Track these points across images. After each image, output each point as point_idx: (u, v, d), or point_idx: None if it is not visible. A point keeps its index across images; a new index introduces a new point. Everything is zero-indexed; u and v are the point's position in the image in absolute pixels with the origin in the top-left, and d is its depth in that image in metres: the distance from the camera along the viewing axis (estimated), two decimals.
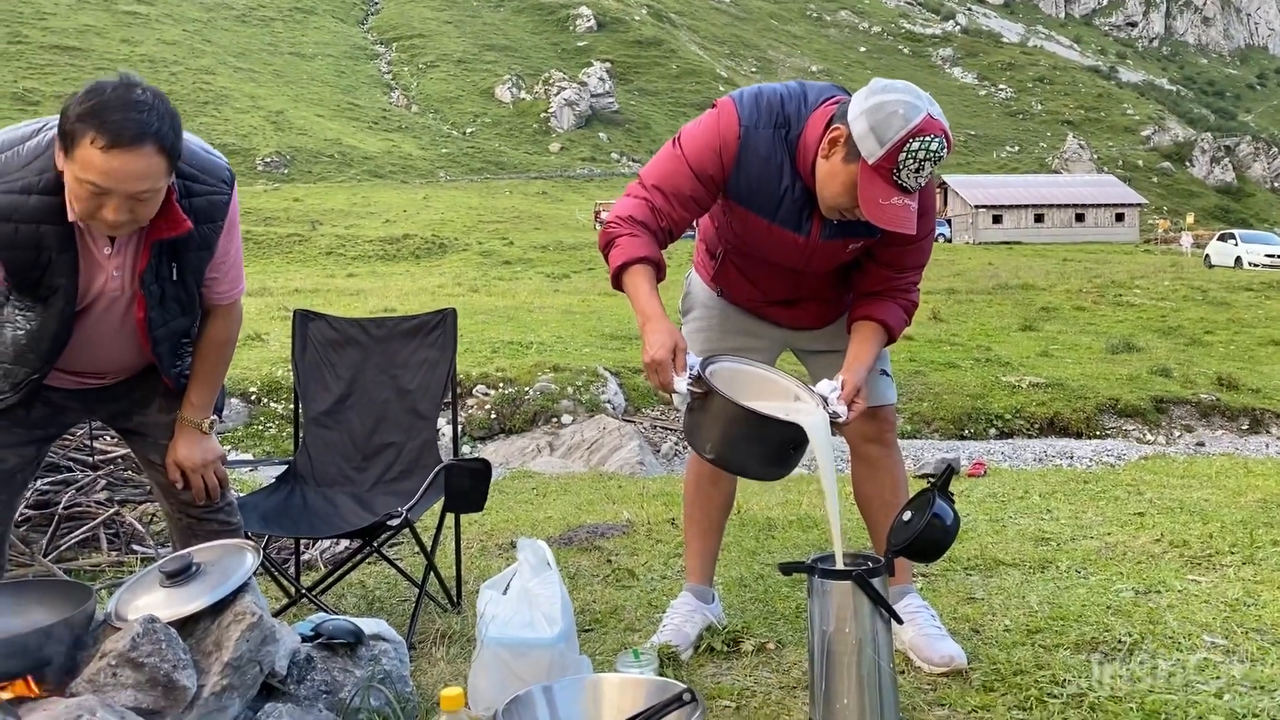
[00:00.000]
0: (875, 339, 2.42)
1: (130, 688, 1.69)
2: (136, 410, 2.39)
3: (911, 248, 2.40)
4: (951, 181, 60.09)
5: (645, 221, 2.32)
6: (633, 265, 2.29)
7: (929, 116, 2.10)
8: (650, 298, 2.26)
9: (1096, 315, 20.60)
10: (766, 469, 2.32)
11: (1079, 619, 2.76)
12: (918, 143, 2.09)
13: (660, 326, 2.21)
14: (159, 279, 2.18)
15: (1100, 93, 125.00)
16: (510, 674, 2.18)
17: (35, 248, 2.04)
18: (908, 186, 2.14)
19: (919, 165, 2.10)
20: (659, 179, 2.35)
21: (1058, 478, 5.72)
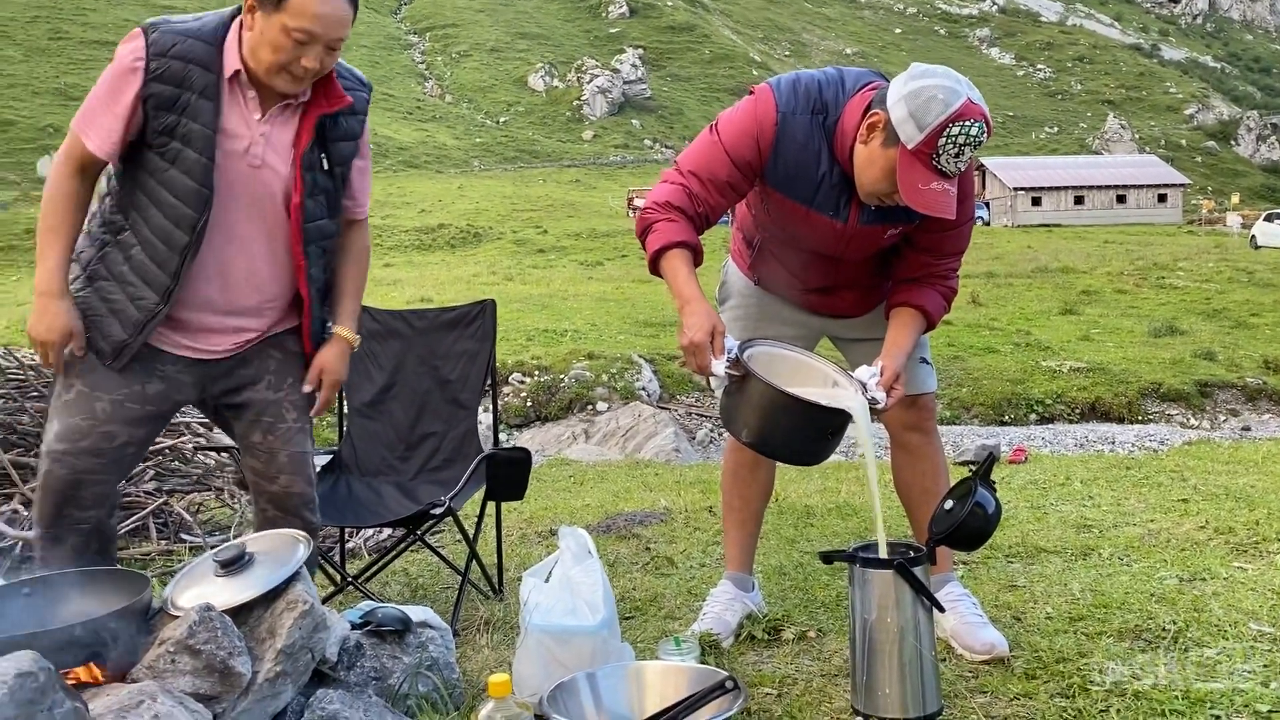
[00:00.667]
0: (914, 325, 2.42)
1: (188, 674, 1.74)
2: (247, 386, 2.40)
3: (951, 233, 2.39)
4: (990, 164, 59.31)
5: (682, 207, 2.33)
6: (670, 249, 2.30)
7: (969, 101, 2.10)
8: (688, 281, 2.27)
9: (1139, 298, 20.31)
10: (803, 454, 2.32)
11: (1122, 606, 2.75)
12: (957, 127, 2.08)
13: (699, 309, 2.22)
14: (312, 166, 2.28)
15: (1142, 71, 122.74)
16: (554, 661, 2.21)
17: (179, 85, 2.16)
18: (947, 171, 2.13)
19: (959, 150, 2.10)
20: (696, 165, 2.36)
21: (1099, 464, 5.67)
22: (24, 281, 31.69)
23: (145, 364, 2.29)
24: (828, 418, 2.18)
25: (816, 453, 2.29)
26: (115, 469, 2.32)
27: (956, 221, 2.31)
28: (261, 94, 2.22)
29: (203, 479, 4.44)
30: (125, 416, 2.27)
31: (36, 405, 4.31)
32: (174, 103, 2.16)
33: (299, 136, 2.25)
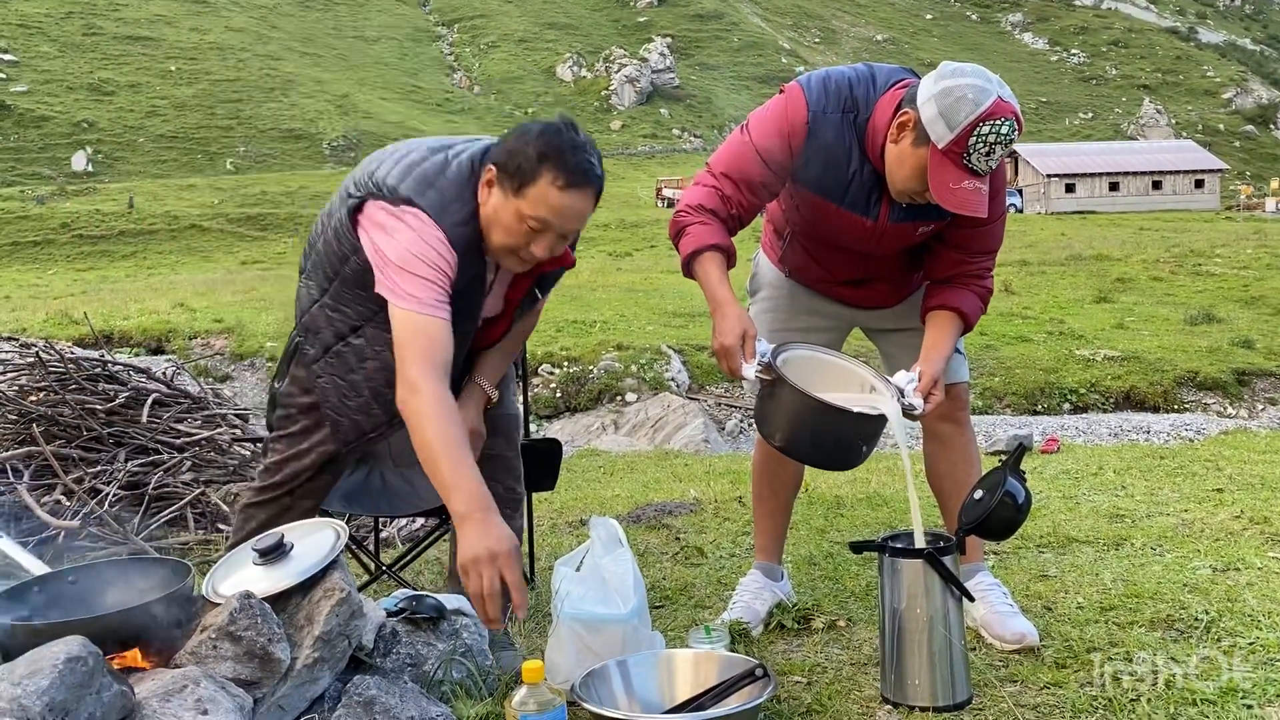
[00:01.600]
0: (952, 328, 2.41)
1: (229, 660, 1.78)
2: None
3: (983, 230, 2.38)
4: (1022, 151, 58.68)
5: (715, 209, 2.35)
6: (703, 252, 2.31)
7: (999, 100, 2.09)
8: (721, 284, 2.29)
9: (1175, 286, 20.04)
10: (835, 460, 2.35)
11: (1154, 596, 2.74)
12: (988, 126, 2.08)
13: (730, 312, 2.25)
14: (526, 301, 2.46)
15: (1178, 55, 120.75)
16: (585, 649, 2.24)
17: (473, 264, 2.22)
18: (978, 170, 2.13)
19: (989, 149, 2.10)
20: (728, 166, 2.37)
21: (1133, 453, 5.62)
22: (61, 275, 32.23)
23: None
24: (860, 424, 2.18)
25: (849, 459, 2.30)
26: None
27: (989, 219, 2.30)
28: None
29: (239, 470, 4.50)
30: None
31: (77, 398, 4.40)
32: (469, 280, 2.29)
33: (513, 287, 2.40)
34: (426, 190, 2.13)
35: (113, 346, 13.14)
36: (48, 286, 25.66)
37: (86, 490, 3.96)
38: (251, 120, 71.76)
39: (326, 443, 2.36)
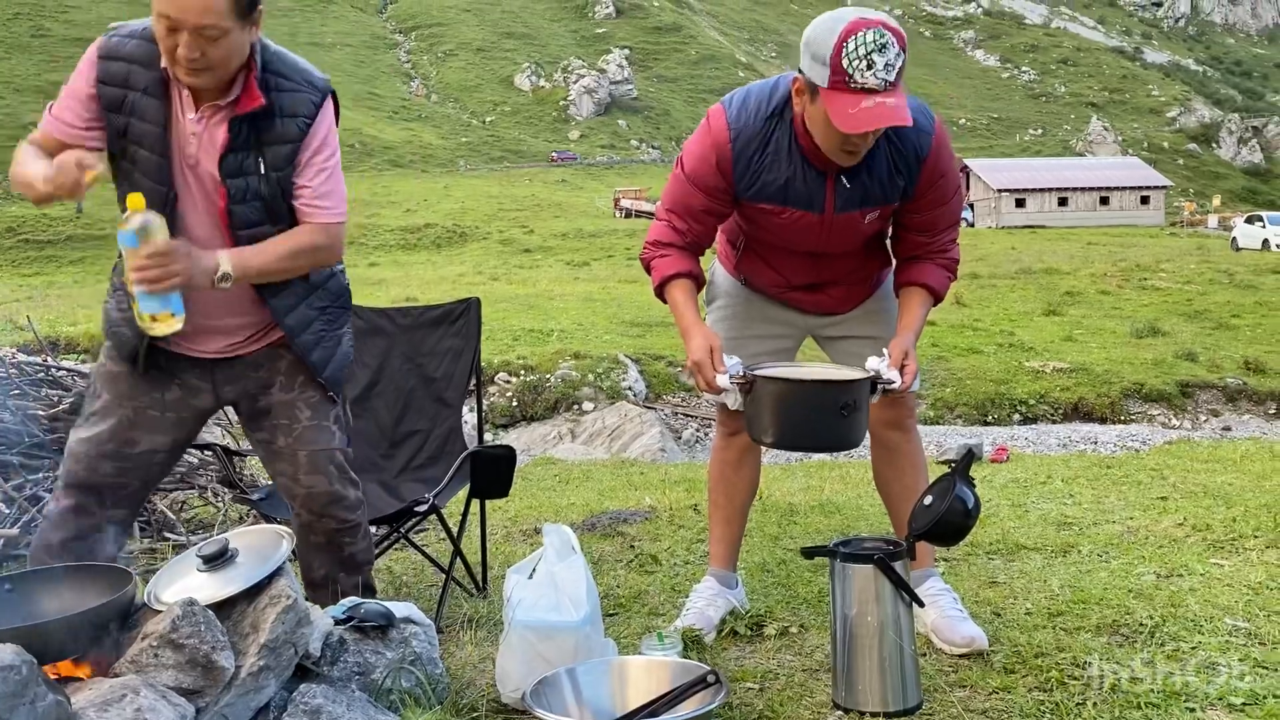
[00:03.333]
0: (921, 303, 2.47)
1: (171, 668, 1.74)
2: (262, 391, 2.38)
3: (941, 209, 2.44)
4: (974, 165, 59.63)
5: (672, 241, 2.47)
6: (668, 283, 2.46)
7: (857, 18, 2.12)
8: (687, 308, 2.43)
9: (1121, 299, 20.45)
10: (828, 438, 2.35)
11: (1100, 602, 2.78)
12: (852, 41, 2.09)
13: (697, 333, 2.36)
14: (243, 171, 2.21)
15: (1125, 74, 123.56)
16: (537, 656, 2.22)
17: (123, 85, 2.16)
18: (869, 86, 2.10)
19: (866, 61, 2.08)
20: (672, 203, 2.48)
21: (1080, 463, 5.72)
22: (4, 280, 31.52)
23: (164, 371, 2.32)
24: (838, 391, 2.24)
25: (842, 434, 2.29)
26: (137, 474, 2.34)
27: (942, 198, 2.39)
28: (195, 92, 2.18)
29: (186, 477, 4.42)
30: (147, 424, 2.31)
31: (19, 403, 4.30)
32: (120, 104, 2.16)
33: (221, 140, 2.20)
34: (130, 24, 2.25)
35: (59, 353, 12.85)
36: None
37: (28, 498, 3.86)
38: None
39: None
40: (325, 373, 2.39)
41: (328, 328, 2.41)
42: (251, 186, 2.22)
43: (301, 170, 2.25)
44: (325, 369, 2.39)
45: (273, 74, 2.21)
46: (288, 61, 2.27)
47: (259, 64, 2.19)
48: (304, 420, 2.39)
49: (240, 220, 2.23)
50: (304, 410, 2.39)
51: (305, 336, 2.35)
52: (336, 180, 2.31)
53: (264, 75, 2.20)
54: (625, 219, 48.67)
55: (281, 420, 2.39)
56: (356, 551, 2.50)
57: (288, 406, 2.39)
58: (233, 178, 2.20)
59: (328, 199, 2.28)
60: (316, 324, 2.37)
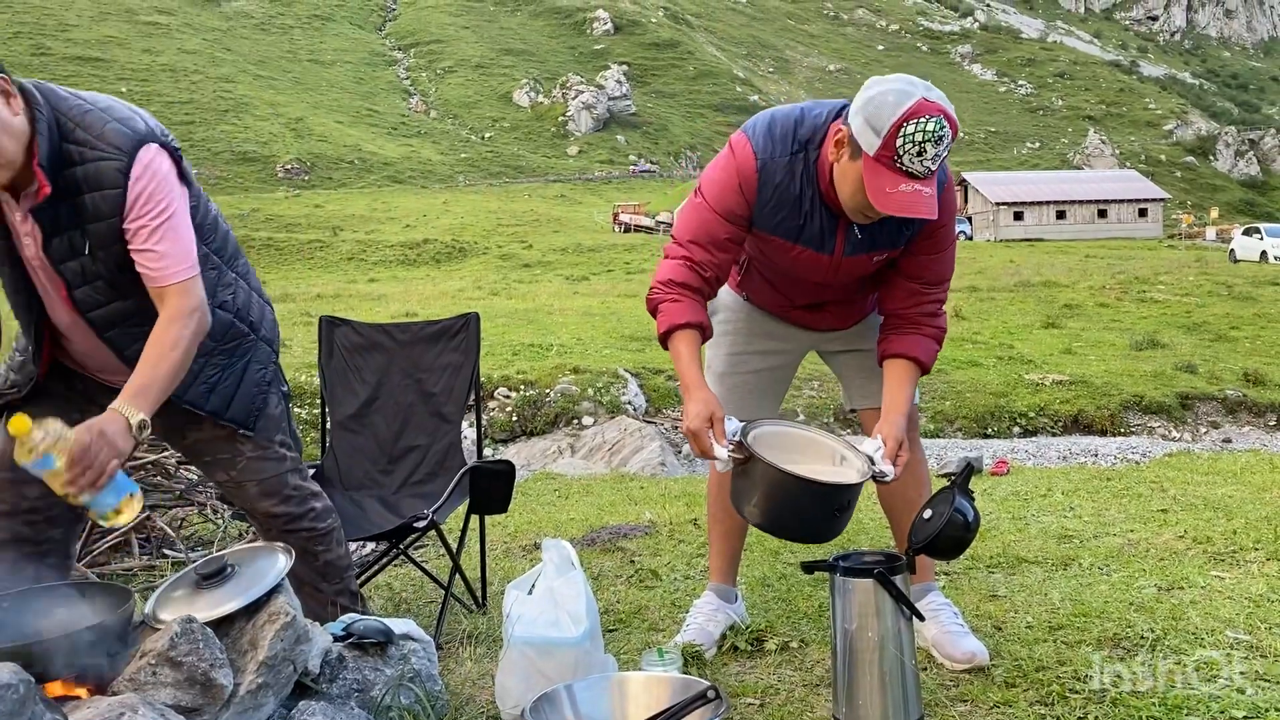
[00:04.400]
0: (909, 379, 2.43)
1: (169, 686, 1.73)
2: (190, 427, 2.32)
3: (935, 258, 2.41)
4: (971, 179, 59.73)
5: (686, 282, 2.38)
6: (674, 332, 2.36)
7: (923, 100, 2.09)
8: (689, 365, 2.34)
9: (1120, 312, 20.46)
10: (813, 532, 2.30)
11: (1101, 615, 2.77)
12: (913, 125, 2.07)
13: (697, 396, 2.27)
14: (74, 253, 2.11)
15: (1122, 87, 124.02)
16: (536, 673, 2.22)
17: None
18: (914, 172, 2.10)
19: (919, 148, 2.08)
20: (692, 233, 2.40)
21: (1081, 475, 5.71)
22: None
23: (82, 394, 2.30)
24: (834, 495, 2.19)
25: (826, 530, 2.27)
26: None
27: (939, 246, 2.35)
28: (9, 191, 2.07)
29: (185, 494, 4.41)
30: None
31: None
32: None
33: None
34: None
35: None
36: None
37: None
38: (204, 143, 70.98)
39: None
40: (226, 415, 2.31)
41: (220, 370, 2.32)
42: (87, 268, 2.12)
43: (132, 237, 2.10)
44: (226, 412, 2.31)
45: (74, 144, 2.06)
46: (90, 123, 2.07)
47: (45, 139, 2.02)
48: (246, 453, 2.36)
49: (88, 303, 2.17)
50: (244, 444, 2.35)
51: (192, 392, 2.26)
52: (175, 236, 2.12)
53: (64, 148, 2.05)
54: (624, 233, 48.76)
55: (220, 456, 2.35)
56: (332, 559, 2.49)
57: (224, 442, 2.34)
58: (65, 262, 2.11)
59: (167, 258, 2.11)
60: (204, 373, 2.28)
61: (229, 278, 2.36)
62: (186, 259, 2.13)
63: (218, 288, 2.30)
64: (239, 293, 2.37)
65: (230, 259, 2.38)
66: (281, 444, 2.42)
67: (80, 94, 2.12)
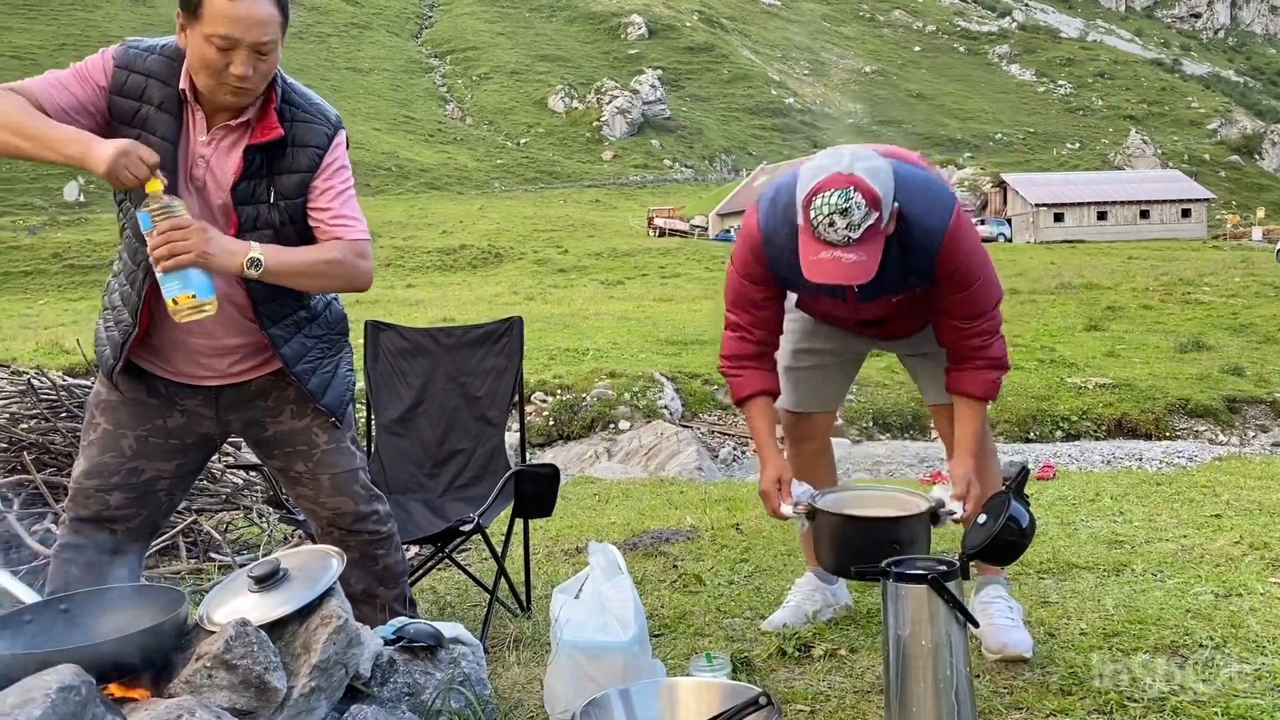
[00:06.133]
0: (971, 416, 2.51)
1: (225, 689, 1.74)
2: (270, 419, 2.36)
3: (961, 296, 2.44)
4: (1011, 180, 59.13)
5: (740, 354, 2.61)
6: (745, 402, 2.61)
7: (834, 174, 2.20)
8: (762, 432, 2.58)
9: (1164, 314, 20.13)
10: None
11: (1157, 622, 2.72)
12: (819, 198, 2.20)
13: (769, 460, 2.53)
14: (255, 198, 2.19)
15: (1164, 86, 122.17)
16: (585, 677, 2.21)
17: (139, 98, 2.15)
18: (830, 240, 2.21)
19: (829, 219, 2.19)
20: (734, 300, 2.61)
21: (1129, 480, 5.61)
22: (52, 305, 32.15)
23: (164, 397, 2.32)
24: (892, 529, 2.28)
25: None
26: (146, 504, 2.34)
27: (961, 285, 2.41)
28: (208, 113, 2.17)
29: (231, 498, 4.46)
30: (150, 451, 2.31)
31: (68, 425, 4.36)
32: (133, 116, 2.15)
33: (233, 165, 2.19)
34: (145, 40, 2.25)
35: None
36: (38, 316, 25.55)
37: None
38: None
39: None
40: (323, 399, 2.37)
41: (324, 356, 2.40)
42: (262, 214, 2.21)
43: (318, 196, 2.24)
44: (322, 396, 2.37)
45: (288, 104, 2.22)
46: (301, 92, 2.27)
47: (279, 89, 2.20)
48: (322, 444, 2.40)
49: None
50: (320, 435, 2.39)
51: (301, 366, 2.33)
52: (355, 204, 2.30)
53: (281, 105, 2.21)
54: (659, 237, 48.77)
55: (298, 446, 2.39)
56: (391, 564, 2.51)
57: (303, 433, 2.38)
58: (244, 204, 2.19)
59: (348, 219, 2.26)
60: (313, 352, 2.36)
61: None
62: (363, 224, 2.31)
63: None
64: (335, 302, 2.50)
65: None
66: (353, 440, 2.48)
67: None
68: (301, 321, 2.34)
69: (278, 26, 2.09)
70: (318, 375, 2.37)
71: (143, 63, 2.16)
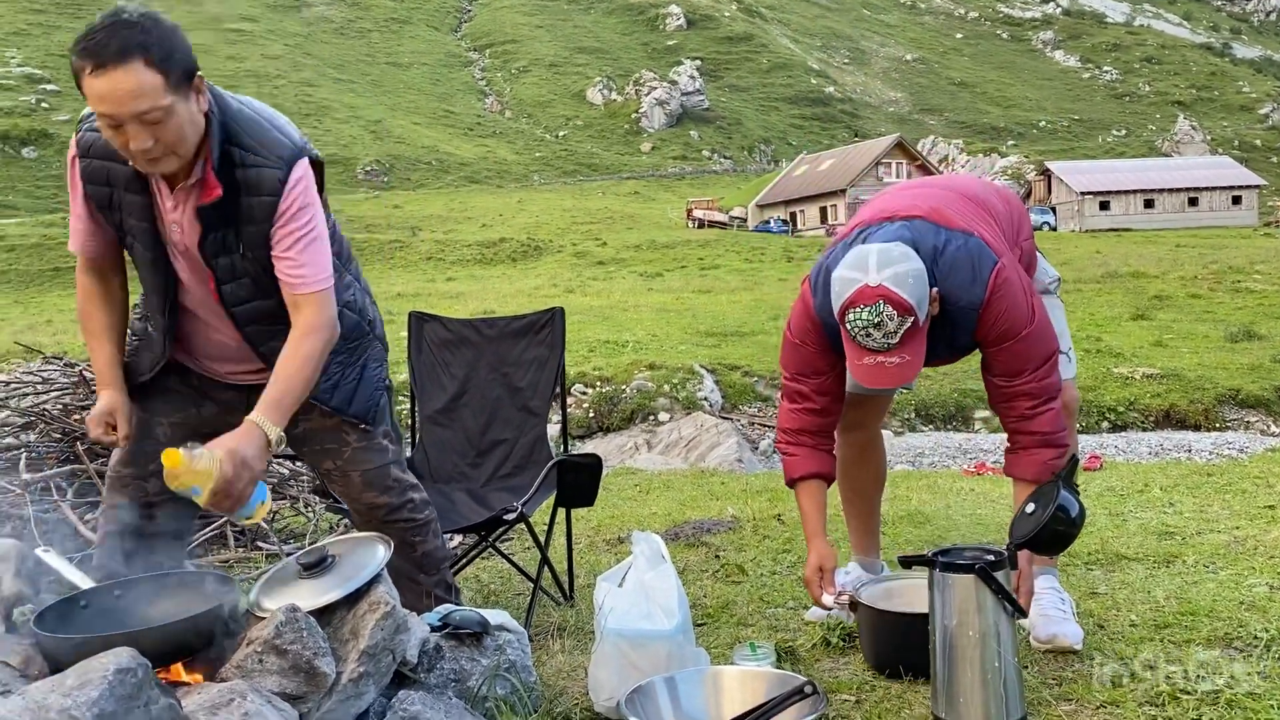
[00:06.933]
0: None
1: (275, 674, 1.77)
2: (301, 415, 2.32)
3: (1001, 350, 2.42)
4: (1055, 168, 58.26)
5: (801, 428, 2.61)
6: (798, 483, 2.61)
7: (862, 287, 2.23)
8: (808, 518, 2.59)
9: (1214, 302, 19.74)
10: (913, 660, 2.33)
11: (1210, 614, 2.67)
12: (852, 314, 2.26)
13: (814, 547, 2.55)
14: (226, 250, 2.16)
15: (1213, 71, 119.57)
16: (629, 665, 2.21)
17: (106, 183, 2.14)
18: (869, 348, 2.26)
19: (864, 332, 2.25)
20: (796, 368, 2.62)
21: (1178, 471, 5.51)
22: None
23: (197, 390, 2.36)
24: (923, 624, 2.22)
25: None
26: None
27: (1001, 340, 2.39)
28: (166, 179, 2.12)
29: (278, 487, 4.52)
30: (184, 438, 2.32)
31: None
32: (109, 201, 2.15)
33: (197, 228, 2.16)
34: None
35: None
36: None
37: None
38: None
39: None
40: (350, 410, 2.37)
41: (343, 368, 2.37)
42: (237, 264, 2.18)
43: (278, 244, 2.15)
44: (349, 408, 2.37)
45: (237, 147, 2.11)
46: (255, 130, 2.14)
47: (216, 140, 2.08)
48: (352, 443, 2.41)
49: (233, 299, 2.23)
50: (350, 434, 2.40)
51: (319, 389, 2.29)
52: (317, 248, 2.18)
53: (227, 150, 2.10)
54: (698, 229, 48.67)
55: (327, 445, 2.40)
56: (430, 550, 2.53)
57: (332, 431, 2.39)
58: (218, 258, 2.17)
59: (307, 267, 2.15)
60: (330, 370, 2.32)
61: (347, 279, 2.42)
62: (324, 271, 2.19)
63: (340, 289, 2.35)
64: (357, 293, 2.45)
65: (346, 261, 2.44)
66: (385, 435, 2.48)
67: (242, 99, 2.20)
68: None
69: (160, 91, 1.93)
70: (339, 391, 2.36)
71: (97, 145, 2.11)
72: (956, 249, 2.36)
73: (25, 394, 4.79)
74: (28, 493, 3.83)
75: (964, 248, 2.36)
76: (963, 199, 2.55)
